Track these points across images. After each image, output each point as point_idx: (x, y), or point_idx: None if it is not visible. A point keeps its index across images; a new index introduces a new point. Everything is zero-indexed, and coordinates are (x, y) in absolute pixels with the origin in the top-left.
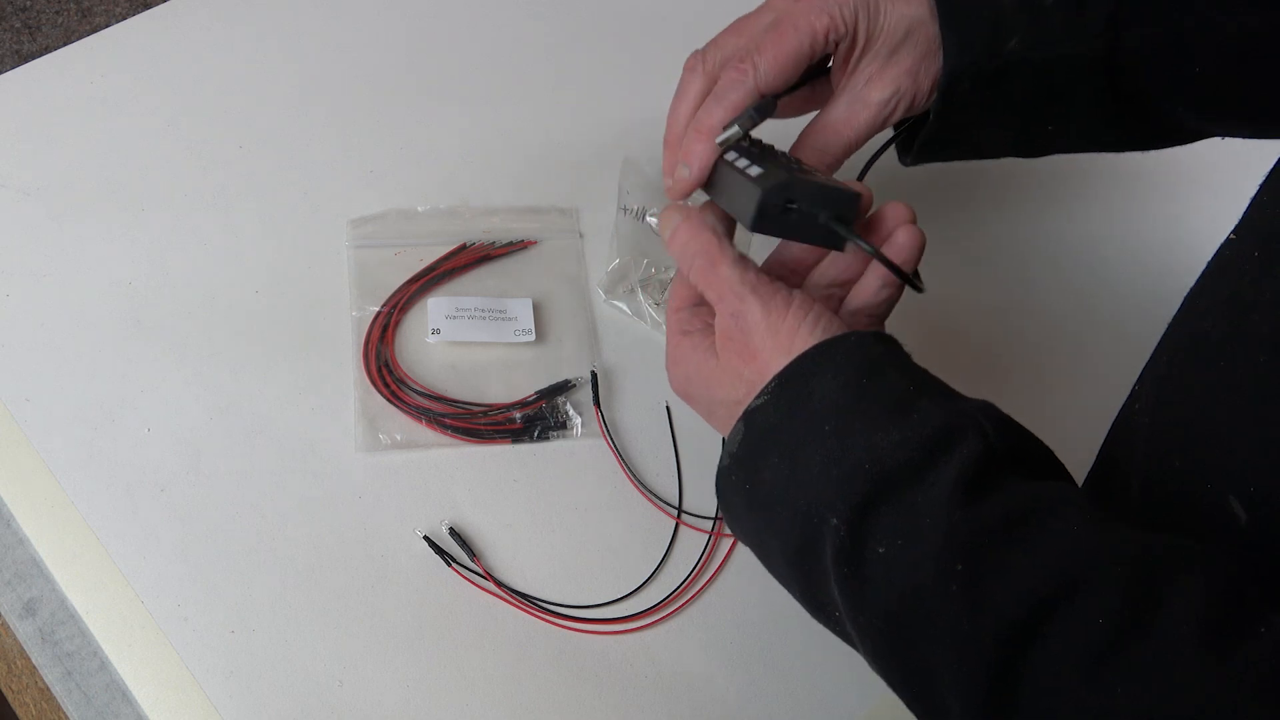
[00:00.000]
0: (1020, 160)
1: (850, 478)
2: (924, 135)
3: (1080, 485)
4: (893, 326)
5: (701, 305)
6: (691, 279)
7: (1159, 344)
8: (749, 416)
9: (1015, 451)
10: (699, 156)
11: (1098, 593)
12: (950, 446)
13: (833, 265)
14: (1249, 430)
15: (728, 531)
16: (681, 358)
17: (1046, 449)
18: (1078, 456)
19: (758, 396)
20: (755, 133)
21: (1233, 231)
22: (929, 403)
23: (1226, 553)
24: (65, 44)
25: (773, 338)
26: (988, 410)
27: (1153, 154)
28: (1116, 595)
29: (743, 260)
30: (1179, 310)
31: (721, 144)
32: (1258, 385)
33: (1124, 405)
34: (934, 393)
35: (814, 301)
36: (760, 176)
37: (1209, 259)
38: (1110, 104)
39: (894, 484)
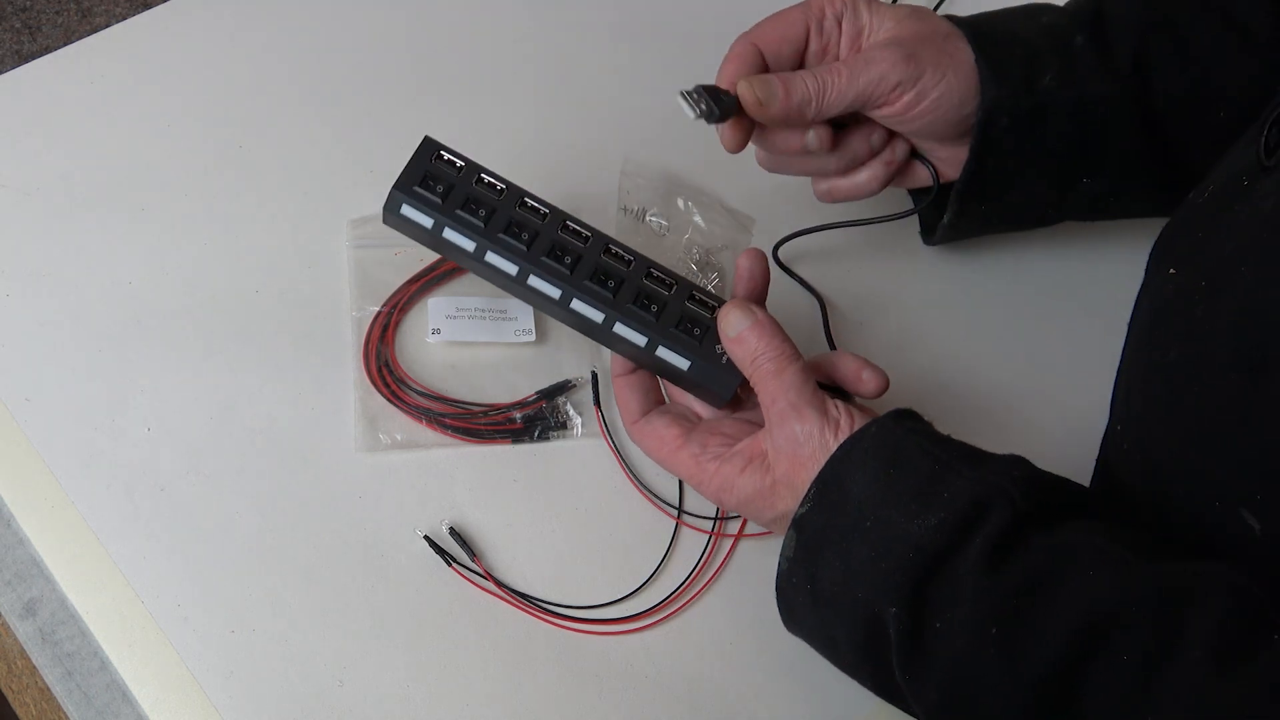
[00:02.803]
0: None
1: (898, 568)
2: (962, 179)
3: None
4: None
5: (665, 416)
6: (753, 379)
7: (1119, 374)
8: (798, 524)
9: (1044, 505)
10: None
11: (1120, 640)
12: (982, 519)
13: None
14: (1241, 446)
15: (729, 532)
16: (732, 485)
17: (1076, 489)
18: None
19: (802, 503)
20: None
21: (1170, 266)
22: (955, 477)
23: (1242, 570)
24: (65, 44)
25: (824, 450)
26: (1014, 470)
27: None
28: (1138, 639)
29: (806, 370)
30: (1130, 339)
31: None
32: (1241, 405)
33: (1105, 439)
34: (959, 464)
35: (859, 410)
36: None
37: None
38: (1144, 152)
39: (938, 563)
